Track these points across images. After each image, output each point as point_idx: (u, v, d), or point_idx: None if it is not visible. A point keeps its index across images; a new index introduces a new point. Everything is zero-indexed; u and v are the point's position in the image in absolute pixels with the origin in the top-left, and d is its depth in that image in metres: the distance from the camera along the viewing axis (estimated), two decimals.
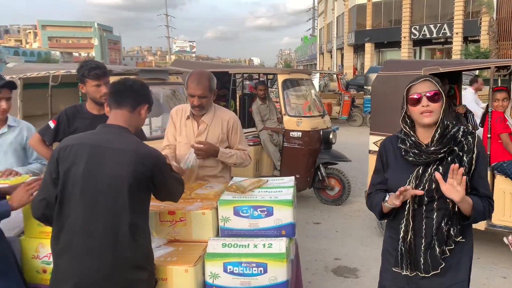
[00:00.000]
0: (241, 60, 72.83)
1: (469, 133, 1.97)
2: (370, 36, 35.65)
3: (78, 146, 1.93)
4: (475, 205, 1.88)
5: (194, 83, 2.88)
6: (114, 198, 1.87)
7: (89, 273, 1.85)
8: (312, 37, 66.74)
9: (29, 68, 5.08)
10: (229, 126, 3.07)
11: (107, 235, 1.86)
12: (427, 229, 1.98)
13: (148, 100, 2.14)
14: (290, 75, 6.22)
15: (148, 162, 1.92)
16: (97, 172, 1.88)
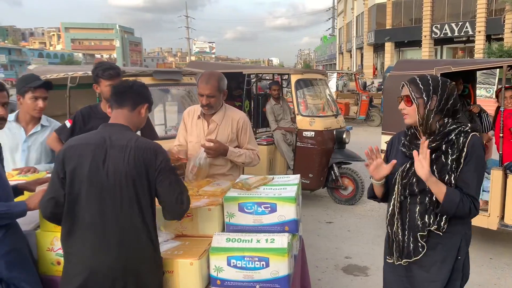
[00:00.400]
0: (260, 60, 73.03)
1: (464, 133, 2.00)
2: (390, 35, 35.30)
3: (82, 146, 2.00)
4: (448, 192, 1.92)
5: (203, 83, 2.98)
6: (120, 195, 1.95)
7: (98, 268, 1.94)
8: (332, 36, 66.39)
9: (49, 70, 5.25)
10: (238, 125, 3.14)
11: (115, 231, 1.95)
12: (410, 220, 2.09)
13: (148, 99, 2.20)
14: (303, 75, 6.27)
15: (148, 156, 1.98)
16: (101, 170, 1.95)
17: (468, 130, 2.01)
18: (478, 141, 2.00)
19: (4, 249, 2.17)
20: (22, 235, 2.35)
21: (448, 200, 1.93)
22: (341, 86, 24.00)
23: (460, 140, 1.99)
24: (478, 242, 4.85)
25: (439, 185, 1.94)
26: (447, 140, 2.00)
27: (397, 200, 2.10)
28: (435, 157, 2.00)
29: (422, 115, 2.01)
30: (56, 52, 79.81)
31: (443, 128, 2.01)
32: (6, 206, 2.17)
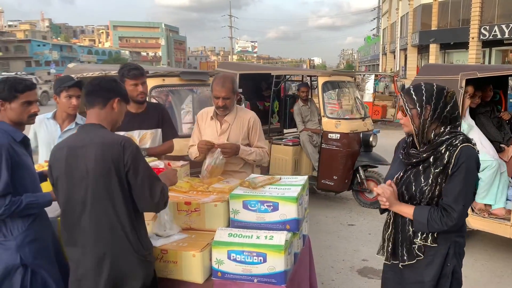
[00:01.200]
0: (302, 60, 72.69)
1: (453, 145, 2.00)
2: (436, 36, 34.22)
3: (57, 151, 2.14)
4: (416, 216, 2.04)
5: (219, 86, 3.13)
6: (95, 191, 2.03)
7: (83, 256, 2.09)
8: (375, 37, 65.15)
9: (85, 68, 5.57)
10: (249, 125, 3.28)
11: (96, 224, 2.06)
12: (402, 225, 2.17)
13: (118, 93, 2.22)
14: (331, 77, 6.30)
15: (115, 151, 2.01)
16: (75, 170, 2.06)
17: (458, 143, 2.00)
18: (468, 152, 1.98)
19: (30, 237, 2.37)
20: (48, 223, 2.56)
21: (416, 221, 2.04)
22: (382, 88, 23.64)
23: (449, 152, 1.99)
24: (498, 252, 4.75)
25: (403, 209, 2.08)
26: (435, 152, 2.03)
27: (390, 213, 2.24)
28: (423, 168, 2.06)
29: (417, 125, 2.05)
30: (104, 49, 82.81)
31: (438, 138, 2.04)
32: (34, 196, 2.37)
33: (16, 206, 2.27)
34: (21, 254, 2.33)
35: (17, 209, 2.28)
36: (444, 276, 2.10)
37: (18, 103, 2.42)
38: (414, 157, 2.08)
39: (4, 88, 2.39)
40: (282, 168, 6.53)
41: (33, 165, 2.55)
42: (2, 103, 2.40)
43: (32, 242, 2.37)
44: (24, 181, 2.37)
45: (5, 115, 2.42)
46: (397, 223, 2.20)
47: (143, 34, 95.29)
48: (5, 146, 2.28)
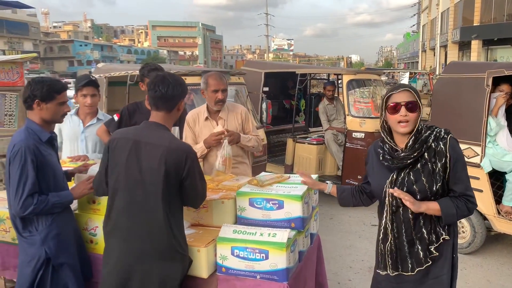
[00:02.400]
0: (339, 57, 71.76)
1: (441, 138, 2.03)
2: (478, 32, 32.93)
3: (123, 139, 2.24)
4: (444, 209, 1.98)
5: (218, 79, 3.28)
6: (150, 188, 2.16)
7: (129, 250, 2.19)
8: (415, 33, 63.46)
9: (113, 68, 5.77)
10: (242, 117, 3.47)
11: (144, 220, 2.17)
12: (406, 230, 2.09)
13: (183, 95, 2.33)
14: (356, 75, 6.22)
15: (178, 155, 2.15)
16: (136, 164, 2.18)
17: (444, 135, 2.04)
18: (455, 141, 2.05)
19: (54, 232, 2.48)
20: (72, 217, 2.67)
21: (446, 215, 2.00)
22: (420, 86, 23.02)
23: (441, 145, 2.01)
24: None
25: (431, 206, 2.00)
26: (426, 147, 2.01)
27: (389, 213, 2.11)
28: (421, 166, 2.03)
29: (417, 122, 2.03)
30: (143, 48, 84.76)
31: (422, 134, 2.03)
32: (58, 196, 2.48)
33: (43, 205, 2.39)
34: (46, 248, 2.44)
35: (44, 208, 2.39)
36: (454, 268, 2.12)
37: (54, 103, 2.52)
38: (406, 158, 2.03)
39: (43, 88, 2.48)
40: (306, 167, 6.52)
41: (58, 164, 2.65)
42: (39, 102, 2.49)
43: (56, 237, 2.48)
44: (48, 180, 2.48)
45: (38, 114, 2.52)
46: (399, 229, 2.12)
47: (180, 34, 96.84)
48: (30, 147, 2.38)
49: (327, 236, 5.09)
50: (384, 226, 2.15)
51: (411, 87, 2.09)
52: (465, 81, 4.47)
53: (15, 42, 54.32)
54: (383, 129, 2.15)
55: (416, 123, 2.02)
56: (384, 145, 2.15)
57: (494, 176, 4.53)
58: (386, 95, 2.09)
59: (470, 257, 4.63)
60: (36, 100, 2.48)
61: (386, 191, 2.10)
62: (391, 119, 2.06)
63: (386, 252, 2.16)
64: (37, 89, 2.47)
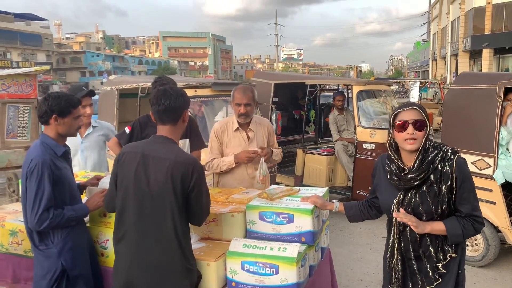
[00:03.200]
0: (349, 66, 71.78)
1: (447, 159, 2.02)
2: (489, 41, 32.73)
3: (131, 154, 2.26)
4: (449, 230, 2.00)
5: (240, 94, 3.33)
6: (158, 201, 2.17)
7: (138, 263, 2.19)
8: (425, 42, 63.24)
9: (125, 80, 5.83)
10: (268, 130, 3.55)
11: (152, 233, 2.18)
12: (414, 248, 2.09)
13: (186, 106, 2.35)
14: (366, 86, 6.20)
15: (185, 169, 2.15)
16: (144, 177, 2.19)
17: (450, 155, 2.03)
18: (462, 162, 2.04)
19: (69, 244, 2.50)
20: (85, 229, 2.69)
21: (452, 235, 2.01)
22: (431, 95, 22.87)
23: (447, 167, 2.01)
24: None
25: (436, 227, 2.02)
26: (432, 168, 2.02)
27: (396, 232, 2.13)
28: (427, 188, 2.03)
29: (422, 140, 2.03)
30: (154, 59, 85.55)
31: (429, 154, 2.03)
32: (74, 210, 2.51)
33: (59, 219, 2.41)
34: (62, 260, 2.47)
35: (60, 222, 2.42)
36: (459, 284, 2.09)
37: (71, 118, 2.57)
38: (413, 180, 2.04)
39: (60, 103, 2.52)
40: (316, 178, 6.49)
41: (72, 177, 2.68)
42: (56, 118, 2.53)
43: (71, 249, 2.50)
44: (63, 194, 2.51)
45: (54, 129, 2.55)
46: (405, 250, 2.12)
47: (191, 44, 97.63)
48: (46, 162, 2.41)
49: (338, 248, 5.05)
50: (391, 244, 2.16)
51: (418, 105, 2.08)
52: (477, 92, 4.44)
53: (29, 53, 55.22)
54: (391, 147, 2.16)
55: (422, 141, 2.02)
56: (391, 164, 2.14)
57: (508, 188, 4.47)
58: (394, 113, 2.10)
59: (484, 270, 4.56)
60: (53, 115, 2.51)
61: (394, 211, 2.11)
62: (398, 137, 2.07)
63: (392, 269, 2.16)
64: (55, 104, 2.51)
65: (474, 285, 4.28)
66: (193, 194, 2.19)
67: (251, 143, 3.43)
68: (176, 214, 2.17)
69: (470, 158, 4.42)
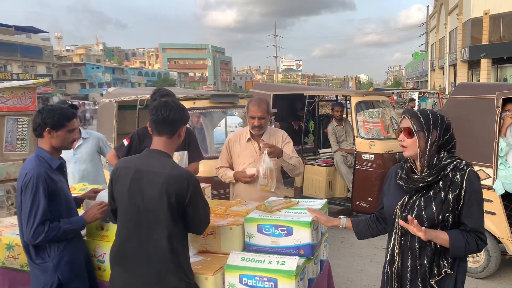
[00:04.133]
0: (348, 77, 72.18)
1: (459, 169, 2.01)
2: (487, 51, 32.93)
3: (124, 169, 2.24)
4: (453, 241, 1.95)
5: (255, 107, 3.35)
6: (153, 216, 2.14)
7: (133, 279, 2.17)
8: (423, 53, 63.60)
9: (123, 92, 5.86)
10: (283, 139, 3.52)
11: (148, 248, 2.15)
12: (412, 257, 2.06)
13: (185, 121, 2.34)
14: (364, 97, 6.22)
15: (179, 183, 2.12)
16: (137, 193, 2.17)
17: (463, 166, 2.02)
18: (474, 176, 2.03)
19: (66, 258, 2.47)
20: (82, 242, 2.67)
21: (454, 246, 1.97)
22: (430, 105, 22.94)
23: (457, 176, 2.00)
24: None
25: (440, 235, 1.97)
26: (443, 175, 2.01)
27: (398, 235, 2.10)
28: (433, 193, 2.02)
29: (422, 148, 2.03)
30: (154, 71, 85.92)
31: (439, 162, 2.02)
32: (70, 223, 2.49)
33: (55, 233, 2.39)
34: (59, 274, 2.44)
35: (56, 235, 2.40)
36: None
37: (65, 131, 2.55)
38: (419, 181, 2.03)
39: (54, 116, 2.51)
40: (315, 189, 6.48)
41: (68, 190, 2.67)
42: (50, 130, 2.52)
43: (68, 263, 2.48)
44: (59, 207, 2.49)
45: (48, 142, 2.54)
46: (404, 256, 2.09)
47: (190, 56, 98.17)
48: (41, 175, 2.40)
49: (338, 260, 5.02)
50: (392, 248, 2.14)
51: (411, 113, 2.10)
52: (475, 103, 4.45)
53: (29, 65, 55.51)
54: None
55: (415, 148, 2.04)
56: (405, 164, 2.17)
57: (507, 198, 4.46)
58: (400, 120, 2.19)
59: (485, 282, 4.52)
60: (47, 128, 2.50)
61: (396, 213, 2.10)
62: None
63: (393, 275, 2.12)
64: (49, 117, 2.50)
65: None
66: (190, 208, 2.17)
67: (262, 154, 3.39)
68: (172, 229, 2.14)
69: None
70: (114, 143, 5.23)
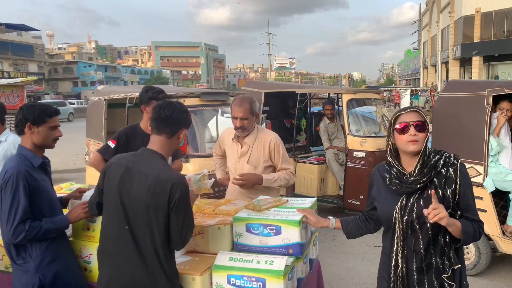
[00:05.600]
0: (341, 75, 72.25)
1: (450, 164, 1.99)
2: (479, 49, 33.12)
3: (116, 165, 2.20)
4: (464, 227, 1.92)
5: (237, 106, 3.15)
6: (140, 216, 2.10)
7: (117, 276, 2.14)
8: (416, 50, 63.86)
9: (113, 90, 5.79)
10: (270, 147, 3.23)
11: (133, 248, 2.11)
12: (416, 258, 2.02)
13: (187, 124, 2.28)
14: (356, 94, 6.20)
15: (166, 187, 2.05)
16: (125, 192, 2.12)
17: (454, 160, 2.01)
18: (464, 167, 2.03)
19: (49, 258, 2.42)
20: (67, 242, 2.62)
21: (466, 233, 1.94)
22: (423, 103, 23.01)
23: (451, 171, 1.98)
24: None
25: (455, 223, 1.92)
26: (435, 172, 1.98)
27: (400, 239, 2.03)
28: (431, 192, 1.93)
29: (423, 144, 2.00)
30: (147, 69, 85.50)
31: (428, 159, 2.00)
32: (53, 222, 2.43)
33: (36, 232, 2.34)
34: (40, 275, 2.38)
35: (37, 234, 2.35)
36: None
37: (45, 127, 2.49)
38: (415, 183, 1.98)
39: (34, 112, 2.47)
40: (307, 187, 6.46)
41: (52, 189, 2.61)
42: (30, 126, 2.47)
43: (51, 263, 2.42)
44: (41, 206, 2.44)
45: (29, 139, 2.49)
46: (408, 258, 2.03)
47: (183, 54, 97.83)
48: (22, 173, 2.35)
49: (329, 258, 5.00)
50: (395, 253, 2.06)
51: (419, 108, 2.09)
52: (466, 100, 4.45)
53: (20, 64, 54.99)
54: (391, 153, 2.10)
55: (424, 143, 1.99)
56: (391, 169, 2.09)
57: (498, 195, 4.46)
58: (394, 116, 2.07)
59: (475, 279, 4.53)
60: (27, 124, 2.46)
61: (396, 217, 2.03)
62: (400, 140, 2.01)
63: (398, 279, 2.06)
64: (29, 112, 2.46)
65: None
66: (173, 212, 2.09)
67: (242, 157, 3.26)
68: (156, 232, 2.09)
69: None
70: (104, 142, 5.17)
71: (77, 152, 13.20)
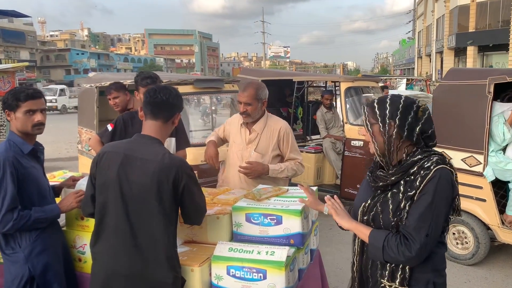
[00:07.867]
0: (335, 64, 72.11)
1: (425, 168, 1.70)
2: (473, 38, 33.12)
3: (112, 154, 2.11)
4: (370, 237, 1.76)
5: (241, 91, 3.11)
6: (142, 204, 2.03)
7: (118, 268, 2.06)
8: (410, 40, 63.75)
9: (104, 77, 5.66)
10: (280, 135, 3.17)
11: (136, 239, 2.03)
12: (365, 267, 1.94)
13: (180, 108, 2.24)
14: (354, 83, 6.12)
15: (172, 172, 2.01)
16: (127, 180, 2.04)
17: (430, 165, 1.70)
18: (442, 175, 1.68)
19: (39, 248, 2.35)
20: (59, 232, 2.54)
21: (371, 246, 1.76)
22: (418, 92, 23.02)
23: (420, 174, 1.70)
24: None
25: (361, 229, 1.80)
26: (407, 174, 1.74)
27: (358, 239, 1.93)
28: (391, 194, 1.76)
29: (380, 143, 1.77)
30: (140, 57, 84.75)
31: (409, 158, 1.76)
32: (43, 211, 2.35)
33: (25, 221, 2.26)
34: (30, 265, 2.31)
35: (26, 224, 2.27)
36: None
37: (21, 112, 2.37)
38: (382, 180, 1.80)
39: (8, 97, 2.39)
40: (304, 176, 6.39)
41: (43, 177, 2.52)
42: (9, 112, 2.40)
43: (41, 253, 2.35)
44: (30, 194, 2.36)
45: (13, 125, 2.41)
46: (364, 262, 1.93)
47: (177, 42, 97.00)
48: (9, 159, 2.26)
49: (327, 248, 4.97)
50: (353, 254, 2.01)
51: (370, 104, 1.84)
52: (466, 88, 4.38)
53: (12, 51, 54.22)
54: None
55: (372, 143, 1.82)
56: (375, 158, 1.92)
57: (497, 185, 4.43)
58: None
59: (474, 268, 4.51)
60: (5, 110, 2.39)
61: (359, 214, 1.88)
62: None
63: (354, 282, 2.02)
64: (4, 99, 2.38)
65: (465, 284, 4.22)
66: (186, 197, 2.06)
67: (250, 144, 3.18)
68: (161, 220, 2.03)
69: (460, 155, 4.36)
70: (96, 130, 5.06)
71: (70, 141, 13.07)
